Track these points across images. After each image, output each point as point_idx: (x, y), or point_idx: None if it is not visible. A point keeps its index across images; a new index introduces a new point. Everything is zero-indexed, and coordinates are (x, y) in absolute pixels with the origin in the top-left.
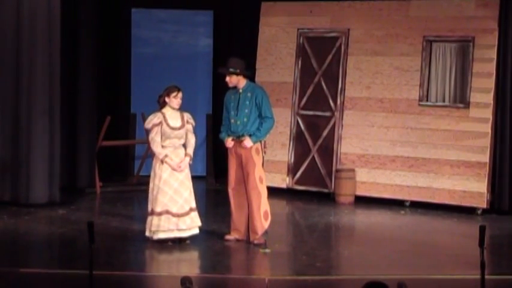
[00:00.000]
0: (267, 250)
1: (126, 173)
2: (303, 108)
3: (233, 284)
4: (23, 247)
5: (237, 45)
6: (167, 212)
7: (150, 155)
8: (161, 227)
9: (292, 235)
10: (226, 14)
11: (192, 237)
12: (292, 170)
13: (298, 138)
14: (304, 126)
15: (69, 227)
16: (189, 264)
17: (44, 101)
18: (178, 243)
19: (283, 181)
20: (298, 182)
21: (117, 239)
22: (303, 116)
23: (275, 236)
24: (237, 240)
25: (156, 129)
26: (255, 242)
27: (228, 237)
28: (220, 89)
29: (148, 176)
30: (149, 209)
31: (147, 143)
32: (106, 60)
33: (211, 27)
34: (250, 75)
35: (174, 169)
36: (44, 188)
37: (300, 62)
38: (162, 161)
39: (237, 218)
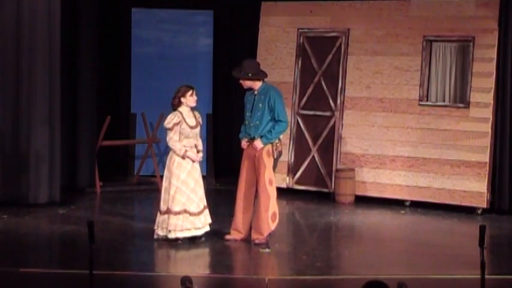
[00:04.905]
0: (267, 250)
1: (126, 173)
2: (303, 108)
3: (233, 284)
4: (23, 247)
5: (237, 45)
6: (185, 212)
7: (150, 155)
8: (179, 226)
9: (292, 235)
10: (226, 14)
11: (199, 236)
12: (292, 170)
13: (298, 138)
14: (304, 126)
15: (70, 227)
16: (189, 264)
17: (44, 101)
18: (193, 241)
19: (283, 181)
20: (298, 182)
21: (118, 238)
22: (303, 116)
23: (275, 236)
24: (237, 240)
25: (176, 129)
26: (256, 241)
27: (228, 237)
28: (220, 89)
29: (149, 176)
30: (162, 208)
31: (147, 143)
32: (106, 60)
33: (211, 27)
34: (263, 78)
35: (194, 160)
36: (44, 187)
37: (300, 62)
38: (183, 157)
39: (240, 219)
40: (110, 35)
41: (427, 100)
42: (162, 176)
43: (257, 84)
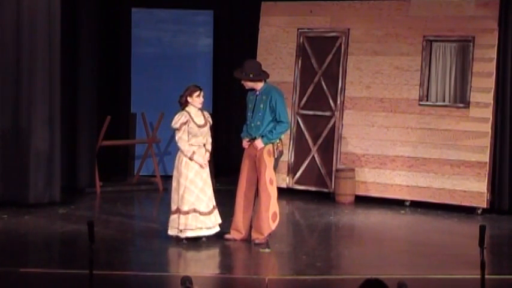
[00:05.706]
0: (267, 250)
1: (126, 173)
2: (303, 108)
3: (233, 283)
4: (23, 247)
5: (237, 45)
6: (194, 211)
7: (150, 155)
8: (189, 226)
9: (292, 235)
10: (226, 14)
11: (199, 237)
12: (292, 170)
13: (298, 138)
14: (304, 126)
15: (70, 227)
16: (189, 264)
17: (44, 101)
18: (194, 241)
19: (283, 181)
20: (298, 182)
21: (118, 238)
22: (303, 116)
23: (275, 236)
24: (236, 240)
25: (184, 128)
26: (256, 241)
27: (227, 236)
28: (220, 89)
29: (149, 176)
30: (173, 207)
31: (147, 142)
32: (106, 60)
33: (211, 27)
34: (265, 79)
35: (201, 166)
36: (44, 187)
37: (300, 62)
38: (190, 159)
39: (240, 219)
40: (110, 35)
41: (427, 100)
42: (162, 176)
43: (259, 85)
